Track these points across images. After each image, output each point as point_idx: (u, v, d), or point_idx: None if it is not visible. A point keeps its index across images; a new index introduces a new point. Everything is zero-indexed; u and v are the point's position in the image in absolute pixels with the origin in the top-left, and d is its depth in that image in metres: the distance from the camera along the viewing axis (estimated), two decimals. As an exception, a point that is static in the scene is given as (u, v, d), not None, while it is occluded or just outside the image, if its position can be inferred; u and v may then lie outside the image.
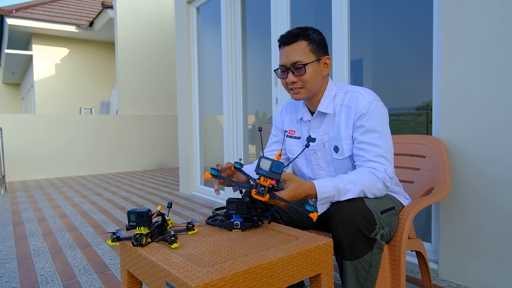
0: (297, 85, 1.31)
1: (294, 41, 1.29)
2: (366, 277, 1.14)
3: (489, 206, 1.66)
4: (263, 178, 1.07)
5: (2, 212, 3.66)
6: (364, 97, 1.29)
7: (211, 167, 1.16)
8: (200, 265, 0.89)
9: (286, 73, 1.32)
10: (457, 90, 1.75)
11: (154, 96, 8.00)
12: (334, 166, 1.36)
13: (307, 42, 1.29)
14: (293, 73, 1.30)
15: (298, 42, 1.29)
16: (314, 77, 1.31)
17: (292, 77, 1.30)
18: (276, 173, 1.07)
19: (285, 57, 1.31)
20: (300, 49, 1.29)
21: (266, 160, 1.08)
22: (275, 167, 1.07)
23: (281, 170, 1.07)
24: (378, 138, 1.25)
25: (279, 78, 1.37)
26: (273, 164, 1.07)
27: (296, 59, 1.28)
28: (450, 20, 1.76)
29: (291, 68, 1.30)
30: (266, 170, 1.07)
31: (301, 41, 1.29)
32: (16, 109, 16.76)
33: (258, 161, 1.08)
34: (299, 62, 1.28)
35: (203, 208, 3.70)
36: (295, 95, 1.34)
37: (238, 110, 3.69)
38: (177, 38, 4.52)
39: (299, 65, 1.28)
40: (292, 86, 1.32)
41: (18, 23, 8.87)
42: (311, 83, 1.31)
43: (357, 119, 1.28)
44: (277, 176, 1.07)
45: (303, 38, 1.29)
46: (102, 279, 1.96)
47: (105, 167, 6.94)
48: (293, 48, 1.29)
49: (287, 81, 1.32)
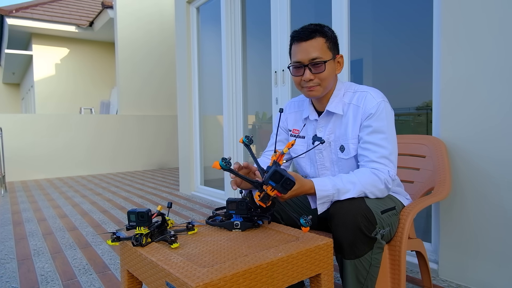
0: (313, 83, 1.27)
1: (312, 37, 1.25)
2: (366, 277, 1.14)
3: (489, 205, 1.66)
4: (270, 187, 1.05)
5: (2, 212, 3.66)
6: (373, 97, 1.27)
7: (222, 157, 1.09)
8: (200, 265, 0.89)
9: (302, 70, 1.27)
10: (457, 90, 1.75)
11: (154, 96, 8.00)
12: (339, 166, 1.35)
13: (325, 39, 1.26)
14: (311, 70, 1.26)
15: (316, 38, 1.25)
16: (331, 75, 1.29)
17: (310, 74, 1.26)
18: (285, 189, 1.04)
19: (302, 53, 1.26)
20: (318, 46, 1.25)
21: (279, 173, 1.03)
22: (286, 183, 1.03)
23: (291, 187, 1.04)
24: (384, 139, 1.24)
25: (293, 75, 1.32)
26: (285, 181, 1.03)
27: (315, 56, 1.24)
28: (450, 20, 1.76)
29: (309, 65, 1.25)
30: (277, 183, 1.04)
31: (319, 37, 1.25)
32: (16, 109, 16.76)
33: (271, 171, 1.04)
34: (319, 58, 1.24)
35: (203, 208, 3.69)
36: (309, 92, 1.29)
37: (238, 110, 3.69)
38: (177, 38, 4.52)
39: (319, 61, 1.24)
40: (308, 84, 1.28)
41: (18, 23, 8.86)
42: (327, 81, 1.28)
43: (365, 119, 1.26)
44: (284, 192, 1.04)
45: (320, 34, 1.26)
46: (102, 279, 1.96)
47: (105, 167, 6.94)
48: (311, 44, 1.25)
49: (303, 78, 1.27)
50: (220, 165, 1.08)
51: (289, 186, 1.04)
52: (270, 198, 1.07)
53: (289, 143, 1.11)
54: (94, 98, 10.45)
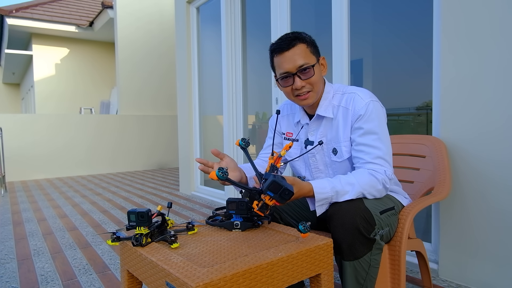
0: (305, 89, 1.26)
1: (294, 45, 1.24)
2: (366, 278, 1.14)
3: (488, 206, 1.66)
4: (269, 197, 1.04)
5: (2, 212, 3.66)
6: (361, 98, 1.27)
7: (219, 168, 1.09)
8: (200, 265, 0.89)
9: (292, 79, 1.26)
10: (458, 90, 1.75)
11: (154, 96, 8.01)
12: (333, 168, 1.35)
13: (305, 44, 1.26)
14: (300, 77, 1.25)
15: (298, 45, 1.25)
16: (319, 78, 1.29)
17: (300, 81, 1.25)
18: (283, 199, 1.03)
19: (288, 62, 1.24)
20: (302, 52, 1.24)
21: (277, 183, 1.01)
22: (284, 193, 1.02)
23: (289, 198, 1.03)
24: (376, 139, 1.24)
25: (282, 87, 1.30)
26: (283, 191, 1.02)
27: (302, 62, 1.24)
28: (451, 20, 1.76)
29: (297, 72, 1.25)
30: (275, 193, 1.02)
31: (300, 43, 1.25)
32: (16, 109, 16.76)
33: (268, 181, 1.02)
34: (306, 64, 1.24)
35: (203, 208, 3.70)
36: (304, 100, 1.28)
37: (238, 110, 3.69)
38: (177, 38, 4.52)
39: (306, 67, 1.24)
40: (300, 92, 1.27)
41: (18, 23, 8.87)
42: (317, 85, 1.28)
43: (355, 121, 1.26)
44: (282, 201, 1.03)
45: (300, 41, 1.25)
46: (102, 279, 1.96)
47: (105, 167, 6.94)
48: (294, 52, 1.24)
49: (294, 87, 1.26)
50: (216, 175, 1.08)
51: (287, 196, 1.02)
52: (268, 208, 1.07)
53: (286, 146, 1.11)
54: (94, 98, 10.45)
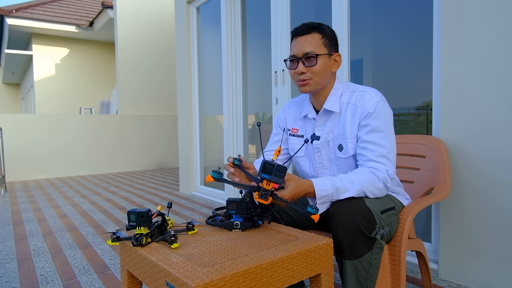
0: (305, 76, 1.30)
1: (308, 33, 1.30)
2: (366, 277, 1.14)
3: (489, 205, 1.66)
4: (266, 181, 1.07)
5: (2, 212, 3.66)
6: (371, 96, 1.28)
7: (212, 170, 1.14)
8: (200, 265, 0.89)
9: (296, 63, 1.31)
10: (457, 89, 1.75)
11: (154, 96, 8.00)
12: (337, 165, 1.36)
13: (321, 35, 1.30)
14: (304, 63, 1.29)
15: (312, 34, 1.29)
16: (323, 70, 1.30)
17: (302, 67, 1.29)
18: (279, 178, 1.06)
19: (297, 47, 1.30)
20: (313, 41, 1.29)
21: (269, 164, 1.06)
22: (278, 171, 1.06)
23: (284, 174, 1.06)
24: (382, 138, 1.25)
25: (288, 69, 1.36)
26: (276, 169, 1.06)
27: (309, 50, 1.28)
28: (450, 20, 1.77)
29: (302, 58, 1.29)
30: (270, 174, 1.06)
31: (315, 33, 1.29)
32: (16, 109, 16.76)
33: (261, 165, 1.07)
34: (312, 52, 1.28)
35: (203, 208, 3.69)
36: (302, 87, 1.33)
37: (238, 110, 3.69)
38: (177, 38, 4.52)
39: (311, 55, 1.28)
40: (300, 77, 1.31)
41: (18, 23, 8.87)
42: (320, 76, 1.30)
43: (363, 118, 1.27)
44: (280, 180, 1.07)
45: (317, 31, 1.30)
46: (102, 279, 1.96)
47: (105, 167, 6.94)
48: (306, 39, 1.29)
49: (296, 71, 1.31)
50: (212, 176, 1.11)
51: (282, 173, 1.06)
52: (269, 193, 1.08)
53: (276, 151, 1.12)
54: (94, 98, 10.45)
